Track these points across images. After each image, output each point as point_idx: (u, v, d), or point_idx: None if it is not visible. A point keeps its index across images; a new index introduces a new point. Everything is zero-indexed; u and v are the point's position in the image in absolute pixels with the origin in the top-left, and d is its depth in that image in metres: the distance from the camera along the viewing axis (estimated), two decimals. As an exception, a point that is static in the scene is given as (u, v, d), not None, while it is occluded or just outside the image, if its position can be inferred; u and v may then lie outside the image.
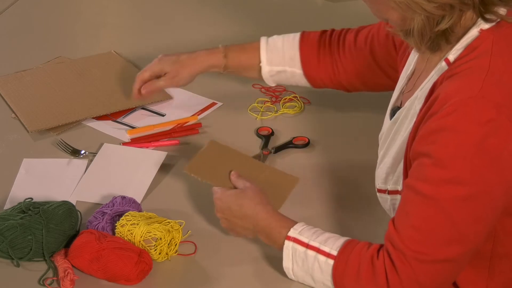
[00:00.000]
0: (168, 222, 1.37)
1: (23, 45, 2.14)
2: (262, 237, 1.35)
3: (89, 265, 1.31)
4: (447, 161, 1.13)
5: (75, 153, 1.66)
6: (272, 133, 1.73)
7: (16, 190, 1.54)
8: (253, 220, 1.35)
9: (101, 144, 1.68)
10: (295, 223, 1.32)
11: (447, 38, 1.19)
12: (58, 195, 1.50)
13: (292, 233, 1.29)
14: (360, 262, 1.22)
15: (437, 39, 1.19)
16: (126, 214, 1.38)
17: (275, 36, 1.70)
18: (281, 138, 1.73)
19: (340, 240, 1.27)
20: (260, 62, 1.68)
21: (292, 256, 1.29)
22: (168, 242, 1.36)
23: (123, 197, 1.45)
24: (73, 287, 1.30)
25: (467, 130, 1.12)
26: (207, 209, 1.46)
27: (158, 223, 1.36)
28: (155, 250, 1.35)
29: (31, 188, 1.54)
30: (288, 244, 1.29)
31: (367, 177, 1.59)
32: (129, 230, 1.35)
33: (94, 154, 1.65)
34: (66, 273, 1.30)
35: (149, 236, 1.35)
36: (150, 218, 1.38)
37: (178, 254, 1.38)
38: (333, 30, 1.68)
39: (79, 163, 1.63)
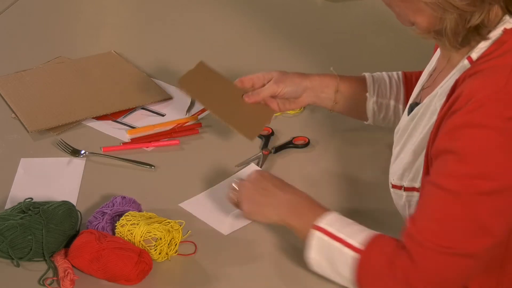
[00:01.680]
0: (168, 222, 1.37)
1: (23, 45, 2.14)
2: (287, 217, 1.33)
3: (89, 265, 1.31)
4: (472, 156, 1.13)
5: (75, 153, 1.66)
6: (272, 133, 1.73)
7: (16, 190, 1.54)
8: (287, 197, 1.35)
9: (101, 144, 1.68)
10: (325, 211, 1.31)
11: (479, 33, 1.18)
12: (58, 195, 1.50)
13: (320, 222, 1.28)
14: (383, 260, 1.20)
15: (469, 35, 1.19)
16: (126, 214, 1.38)
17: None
18: (281, 138, 1.73)
19: (367, 233, 1.25)
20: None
21: (317, 246, 1.27)
22: (168, 242, 1.36)
23: (123, 197, 1.45)
24: (73, 287, 1.30)
25: (492, 125, 1.12)
26: (207, 209, 1.47)
27: (158, 223, 1.36)
28: (155, 250, 1.35)
29: (31, 188, 1.54)
30: (314, 233, 1.27)
31: (367, 176, 1.59)
32: (129, 230, 1.35)
33: (94, 154, 1.65)
34: (66, 273, 1.30)
35: (149, 236, 1.35)
36: (150, 218, 1.38)
37: (178, 254, 1.38)
38: None
39: (79, 163, 1.63)
